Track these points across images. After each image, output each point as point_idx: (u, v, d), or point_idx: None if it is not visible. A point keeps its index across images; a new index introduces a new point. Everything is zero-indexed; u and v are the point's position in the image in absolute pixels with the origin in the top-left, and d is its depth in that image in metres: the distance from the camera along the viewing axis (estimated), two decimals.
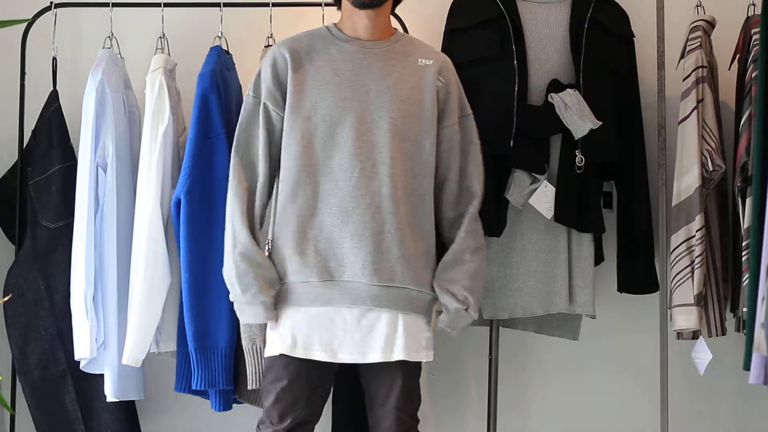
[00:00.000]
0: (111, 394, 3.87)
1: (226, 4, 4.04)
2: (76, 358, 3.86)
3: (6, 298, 3.63)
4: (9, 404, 4.06)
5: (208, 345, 3.80)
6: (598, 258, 4.02)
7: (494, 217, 3.83)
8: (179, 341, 3.88)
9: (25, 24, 4.05)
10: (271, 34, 3.98)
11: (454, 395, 4.29)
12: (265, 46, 3.95)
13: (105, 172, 3.88)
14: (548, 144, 3.86)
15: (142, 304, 3.80)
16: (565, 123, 3.79)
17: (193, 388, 3.83)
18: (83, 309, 3.82)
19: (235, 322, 3.78)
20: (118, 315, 3.87)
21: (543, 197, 3.84)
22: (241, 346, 3.79)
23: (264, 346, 3.65)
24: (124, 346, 3.81)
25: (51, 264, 3.98)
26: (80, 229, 3.86)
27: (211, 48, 3.94)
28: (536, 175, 3.83)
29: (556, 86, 3.83)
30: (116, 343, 3.86)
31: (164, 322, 3.90)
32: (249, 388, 3.78)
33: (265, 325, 3.53)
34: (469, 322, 3.52)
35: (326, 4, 4.01)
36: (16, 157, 4.12)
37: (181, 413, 4.26)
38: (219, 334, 3.81)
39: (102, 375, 3.89)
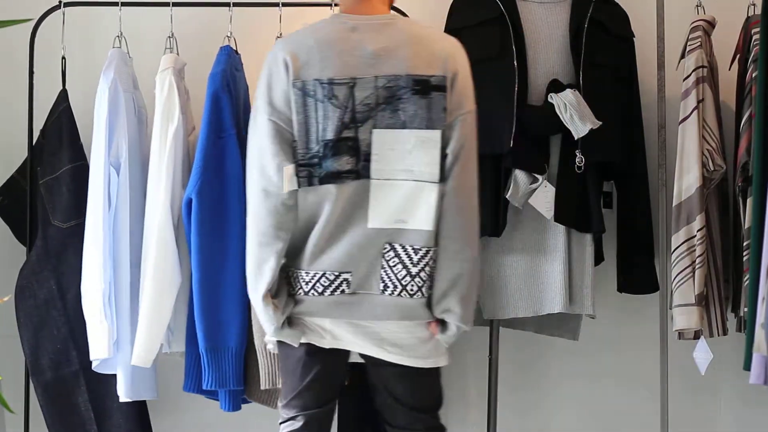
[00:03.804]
0: (124, 394, 3.86)
1: (235, 4, 4.02)
2: (92, 358, 3.83)
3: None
4: (24, 404, 4.07)
5: (219, 345, 3.78)
6: (598, 258, 4.02)
7: (494, 217, 3.83)
8: (188, 341, 3.86)
9: (34, 23, 4.05)
10: (281, 34, 3.95)
11: (454, 395, 4.29)
12: None
13: (117, 172, 3.86)
14: (548, 144, 3.86)
15: (151, 306, 3.78)
16: (565, 123, 3.79)
17: (204, 388, 3.81)
18: (101, 309, 3.80)
19: (246, 321, 3.78)
20: (131, 315, 3.86)
21: (543, 197, 3.84)
22: (251, 345, 3.78)
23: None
24: (133, 346, 3.80)
25: (62, 263, 3.96)
26: (95, 230, 3.83)
27: (221, 48, 3.91)
28: (536, 175, 3.83)
29: (556, 86, 3.83)
30: (129, 344, 3.84)
31: (176, 323, 3.88)
32: (262, 388, 3.77)
33: None
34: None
35: (336, 5, 3.99)
36: (25, 157, 4.11)
37: (193, 413, 4.25)
38: (230, 334, 3.79)
39: (114, 375, 3.88)
